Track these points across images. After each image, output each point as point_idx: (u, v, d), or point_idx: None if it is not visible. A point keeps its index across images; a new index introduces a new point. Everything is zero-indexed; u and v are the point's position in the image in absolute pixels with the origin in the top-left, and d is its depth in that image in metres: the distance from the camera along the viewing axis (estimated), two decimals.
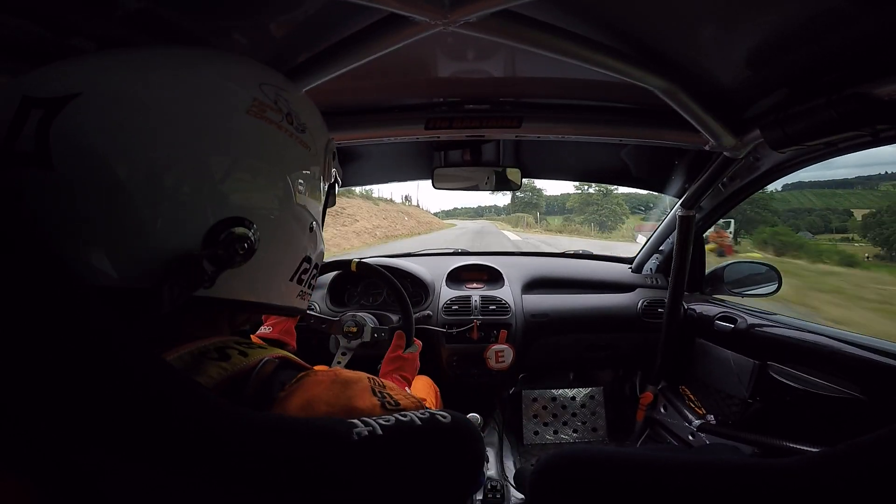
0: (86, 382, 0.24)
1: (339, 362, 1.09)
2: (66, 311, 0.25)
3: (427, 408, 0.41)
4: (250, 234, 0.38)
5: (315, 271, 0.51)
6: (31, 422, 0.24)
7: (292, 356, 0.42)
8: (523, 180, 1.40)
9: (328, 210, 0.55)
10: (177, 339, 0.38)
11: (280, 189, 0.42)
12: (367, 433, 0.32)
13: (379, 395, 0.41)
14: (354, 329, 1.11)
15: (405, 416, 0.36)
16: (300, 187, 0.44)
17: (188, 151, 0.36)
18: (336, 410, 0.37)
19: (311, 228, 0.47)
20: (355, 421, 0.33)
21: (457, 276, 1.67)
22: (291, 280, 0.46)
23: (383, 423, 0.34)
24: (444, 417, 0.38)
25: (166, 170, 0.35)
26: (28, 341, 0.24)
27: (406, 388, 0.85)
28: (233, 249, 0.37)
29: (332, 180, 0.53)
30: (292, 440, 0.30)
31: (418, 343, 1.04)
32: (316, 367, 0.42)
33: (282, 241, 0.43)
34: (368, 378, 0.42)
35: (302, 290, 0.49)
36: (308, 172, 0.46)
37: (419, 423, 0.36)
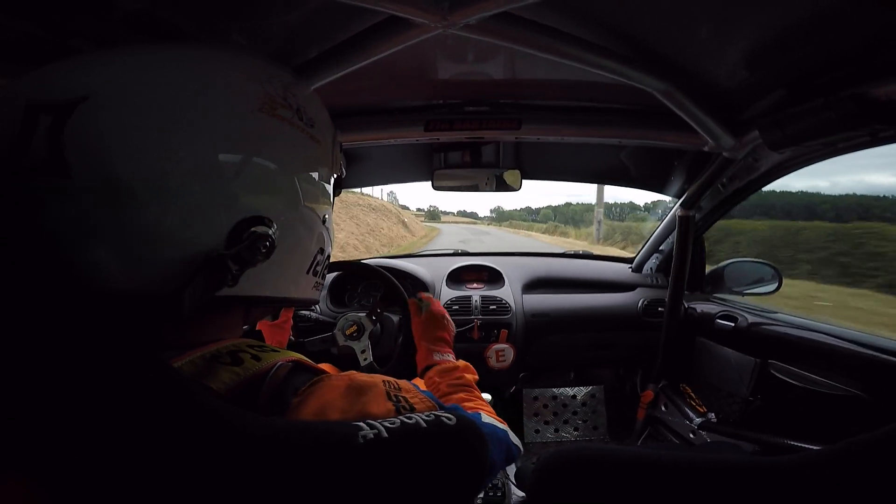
0: (83, 384, 0.24)
1: (365, 359, 1.08)
2: (67, 314, 0.25)
3: (433, 409, 0.41)
4: (271, 232, 0.39)
5: (327, 261, 0.52)
6: (34, 422, 0.25)
7: (305, 359, 0.42)
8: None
9: None
10: (191, 340, 0.38)
11: (296, 186, 0.42)
12: (372, 436, 0.32)
13: (394, 398, 0.40)
14: (354, 328, 1.11)
15: (410, 418, 0.36)
16: (313, 182, 0.45)
17: (203, 153, 0.36)
18: (350, 416, 0.36)
19: (324, 221, 0.48)
20: (361, 424, 0.33)
21: (457, 277, 1.68)
22: (308, 272, 0.47)
23: (388, 425, 0.34)
24: (449, 419, 0.38)
25: (184, 172, 0.35)
26: (29, 344, 0.24)
27: (451, 355, 0.81)
28: (255, 248, 0.37)
29: (339, 171, 0.54)
30: (296, 444, 0.30)
31: (425, 296, 0.93)
32: (330, 371, 0.42)
33: (299, 236, 0.44)
34: (384, 381, 0.42)
35: (316, 281, 0.50)
36: (320, 166, 0.46)
37: (424, 425, 0.36)
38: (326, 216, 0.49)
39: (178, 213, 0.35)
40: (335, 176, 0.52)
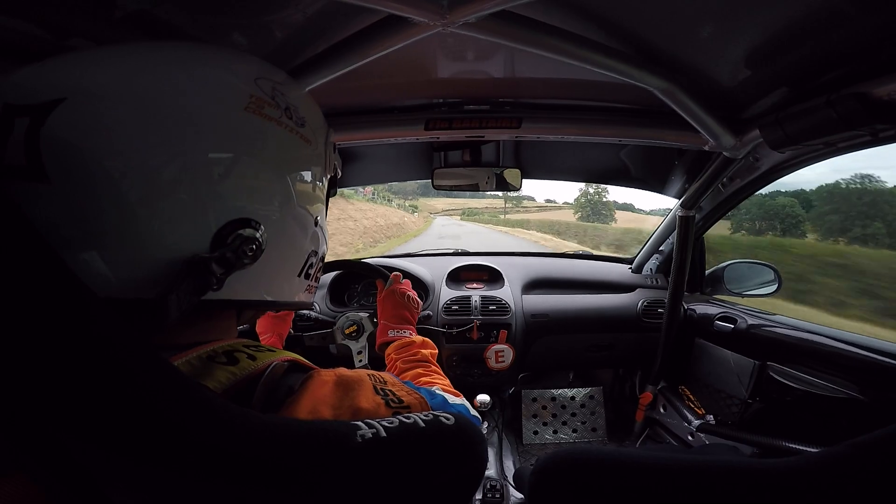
0: (85, 384, 0.24)
1: (360, 361, 1.08)
2: (68, 315, 0.25)
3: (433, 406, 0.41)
4: (258, 235, 0.38)
5: (321, 264, 0.51)
6: (35, 423, 0.24)
7: (301, 358, 0.42)
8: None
9: None
10: (185, 341, 0.38)
11: (284, 187, 0.41)
12: (370, 435, 0.32)
13: (381, 392, 0.41)
14: (354, 328, 1.11)
15: (409, 417, 0.36)
16: (304, 183, 0.44)
17: (187, 153, 0.35)
18: (341, 413, 0.37)
19: (317, 223, 0.47)
20: (359, 423, 0.33)
21: (457, 277, 1.68)
22: (299, 276, 0.46)
23: (387, 424, 0.34)
24: (447, 419, 0.38)
25: (166, 174, 0.34)
26: (30, 344, 0.24)
27: (409, 332, 0.82)
28: (241, 251, 0.37)
29: (334, 172, 0.52)
30: (294, 442, 0.30)
31: (394, 275, 0.96)
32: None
33: (288, 239, 0.43)
34: (369, 375, 0.43)
35: (309, 284, 0.49)
36: (311, 167, 0.45)
37: (423, 424, 0.36)
38: (319, 217, 0.48)
39: (157, 216, 0.34)
40: (329, 176, 0.51)
